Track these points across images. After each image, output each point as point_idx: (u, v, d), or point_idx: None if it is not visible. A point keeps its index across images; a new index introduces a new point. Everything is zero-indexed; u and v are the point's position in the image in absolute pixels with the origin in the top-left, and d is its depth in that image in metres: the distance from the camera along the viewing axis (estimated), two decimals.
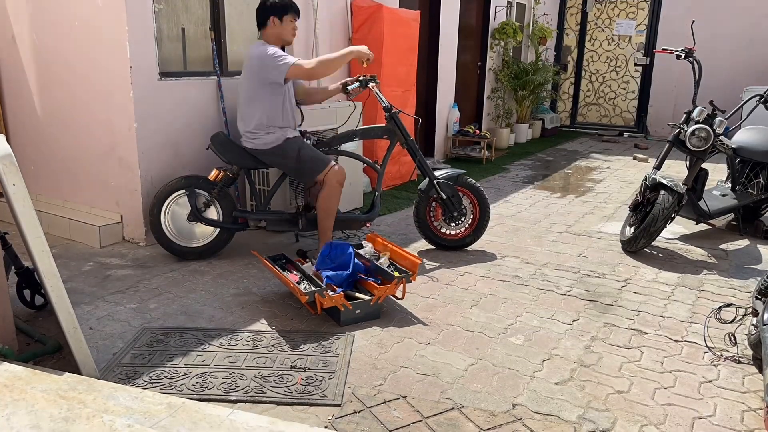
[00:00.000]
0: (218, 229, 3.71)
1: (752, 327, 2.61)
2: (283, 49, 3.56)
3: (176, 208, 3.65)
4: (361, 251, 3.31)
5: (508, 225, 4.65)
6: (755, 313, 2.64)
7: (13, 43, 4.23)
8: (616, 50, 10.11)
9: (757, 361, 2.55)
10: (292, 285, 2.89)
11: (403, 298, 3.08)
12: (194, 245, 3.70)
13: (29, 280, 2.90)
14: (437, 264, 3.72)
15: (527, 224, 4.69)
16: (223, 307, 3.05)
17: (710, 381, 2.43)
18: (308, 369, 2.43)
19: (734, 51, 9.00)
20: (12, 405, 1.75)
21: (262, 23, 3.55)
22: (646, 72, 9.87)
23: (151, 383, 2.31)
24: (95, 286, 3.28)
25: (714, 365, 2.56)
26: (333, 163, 3.55)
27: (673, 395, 2.32)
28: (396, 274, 3.02)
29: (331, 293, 2.81)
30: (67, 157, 4.19)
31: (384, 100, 3.73)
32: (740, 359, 2.60)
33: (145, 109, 3.75)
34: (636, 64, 9.95)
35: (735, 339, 2.69)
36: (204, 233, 3.72)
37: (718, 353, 2.65)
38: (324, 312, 2.88)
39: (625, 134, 10.04)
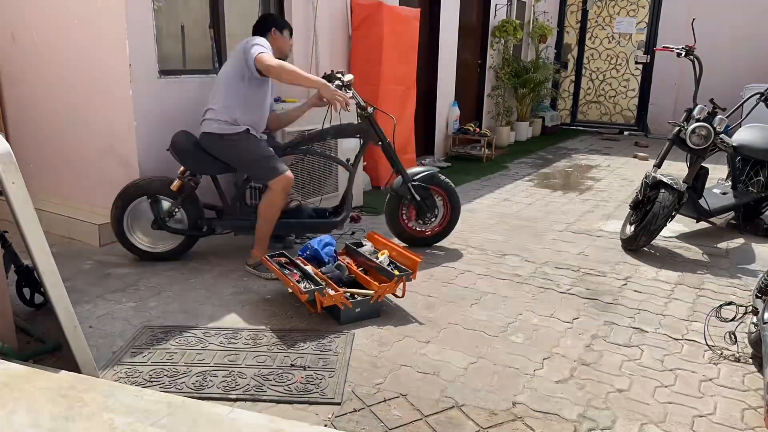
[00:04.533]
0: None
1: (752, 325, 2.61)
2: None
3: (139, 212, 3.55)
4: (360, 249, 3.31)
5: (508, 223, 4.64)
6: (755, 312, 2.64)
7: (12, 41, 4.22)
8: (616, 48, 10.10)
9: (757, 360, 2.55)
10: (292, 284, 2.89)
11: (403, 296, 3.08)
12: (159, 250, 3.62)
13: (29, 278, 2.89)
14: (437, 262, 3.71)
15: (527, 222, 4.68)
16: (223, 305, 3.04)
17: (710, 379, 2.43)
18: (308, 367, 2.43)
19: (735, 49, 8.99)
20: (12, 403, 1.75)
21: (262, 33, 3.52)
22: (647, 70, 9.86)
23: (151, 382, 2.31)
24: (95, 285, 3.28)
25: (714, 363, 2.55)
26: (287, 170, 3.43)
27: (674, 393, 2.32)
28: (396, 272, 3.02)
29: (331, 292, 2.81)
30: (66, 155, 4.19)
31: (361, 99, 3.62)
32: (740, 357, 2.60)
33: (144, 107, 3.75)
34: (636, 62, 9.93)
35: (735, 337, 2.68)
36: (170, 237, 3.62)
37: (719, 351, 2.65)
38: (324, 310, 2.88)
39: (626, 132, 10.03)
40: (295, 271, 3.10)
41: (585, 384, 2.37)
